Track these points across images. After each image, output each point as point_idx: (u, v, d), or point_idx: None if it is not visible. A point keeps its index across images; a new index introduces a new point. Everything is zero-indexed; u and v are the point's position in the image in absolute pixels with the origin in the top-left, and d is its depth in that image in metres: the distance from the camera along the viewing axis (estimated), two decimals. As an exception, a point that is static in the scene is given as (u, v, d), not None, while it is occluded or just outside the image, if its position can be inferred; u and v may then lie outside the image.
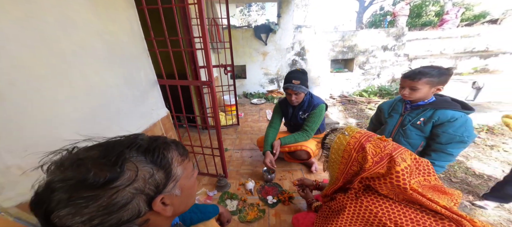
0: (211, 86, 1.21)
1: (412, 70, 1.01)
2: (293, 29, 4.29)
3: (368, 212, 0.58)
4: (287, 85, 1.36)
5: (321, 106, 1.42)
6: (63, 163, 0.31)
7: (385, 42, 4.02)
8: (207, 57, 1.14)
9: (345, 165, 0.66)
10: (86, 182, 0.28)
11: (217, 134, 1.34)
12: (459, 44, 4.16)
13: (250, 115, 3.19)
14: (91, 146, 0.35)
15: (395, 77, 4.12)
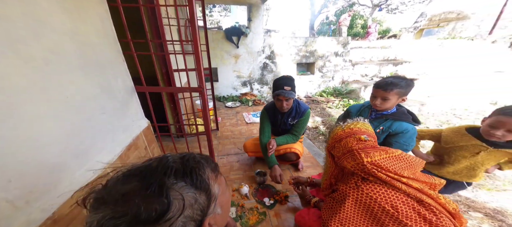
0: (203, 92, 1.13)
1: (384, 80, 1.03)
2: (264, 33, 4.44)
3: (369, 199, 0.65)
4: (279, 91, 1.29)
5: (308, 111, 1.45)
6: (105, 198, 0.29)
7: (336, 49, 4.72)
8: (198, 61, 1.06)
9: (329, 148, 0.80)
10: (140, 218, 0.27)
11: (208, 141, 1.26)
12: (379, 53, 5.34)
13: (228, 119, 3.11)
14: (124, 177, 0.32)
15: (344, 79, 4.91)
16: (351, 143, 0.72)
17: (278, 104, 1.36)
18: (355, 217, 0.67)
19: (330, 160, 0.82)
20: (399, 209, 0.61)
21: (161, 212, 0.28)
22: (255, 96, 4.43)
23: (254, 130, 2.55)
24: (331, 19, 12.62)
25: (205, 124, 1.21)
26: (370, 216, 0.65)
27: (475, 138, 0.96)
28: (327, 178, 0.85)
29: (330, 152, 0.81)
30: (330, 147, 0.80)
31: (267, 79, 4.83)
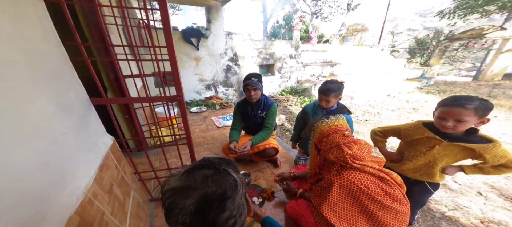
0: (182, 102, 1.07)
1: (325, 87, 1.34)
2: (225, 35, 4.41)
3: (349, 182, 0.77)
4: (247, 82, 1.46)
5: (274, 105, 1.60)
6: (192, 185, 0.37)
7: (290, 51, 5.30)
8: (175, 67, 1.00)
9: (315, 142, 0.92)
10: (225, 192, 0.37)
11: (189, 150, 1.20)
12: (320, 56, 6.42)
13: (196, 125, 2.95)
14: (194, 169, 0.40)
15: (299, 79, 5.59)
16: (337, 139, 0.84)
17: (247, 94, 1.51)
18: (340, 200, 0.80)
19: (315, 153, 0.93)
20: (370, 187, 0.76)
21: (235, 186, 0.38)
22: (221, 99, 4.37)
23: (227, 133, 2.52)
24: (281, 23, 13.79)
25: (186, 131, 1.16)
26: (351, 196, 0.79)
27: (429, 131, 0.92)
28: (312, 168, 0.97)
29: (316, 145, 0.92)
30: (318, 141, 0.90)
31: (231, 82, 4.84)
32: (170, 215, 0.36)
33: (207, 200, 0.35)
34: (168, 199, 0.37)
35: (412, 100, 4.59)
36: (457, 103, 0.79)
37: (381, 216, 0.74)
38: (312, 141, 0.95)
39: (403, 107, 4.05)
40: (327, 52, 6.28)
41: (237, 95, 4.94)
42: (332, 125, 0.89)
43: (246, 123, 1.67)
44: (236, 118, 1.65)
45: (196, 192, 0.36)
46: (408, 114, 3.69)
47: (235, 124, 1.64)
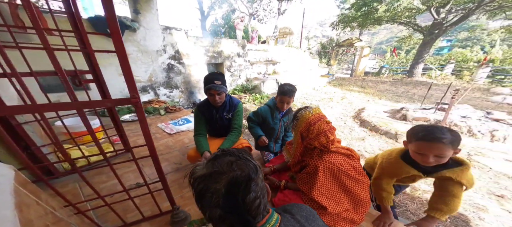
0: (138, 105, 0.76)
1: (287, 89, 1.40)
2: (162, 30, 3.62)
3: (330, 164, 0.89)
4: (210, 86, 1.28)
5: (240, 104, 1.50)
6: (221, 170, 0.40)
7: (237, 50, 5.29)
8: (127, 64, 0.70)
9: (301, 133, 0.96)
10: (250, 174, 0.41)
11: (155, 162, 0.93)
12: (263, 55, 7.03)
13: (137, 135, 2.30)
14: (219, 157, 0.43)
15: (248, 77, 5.77)
16: (323, 126, 0.93)
17: (211, 99, 1.35)
18: (326, 182, 0.91)
19: (299, 142, 0.98)
20: (344, 165, 0.91)
21: (256, 169, 0.42)
22: (165, 103, 3.64)
23: (185, 139, 2.20)
24: (220, 22, 13.31)
25: (148, 141, 0.87)
26: (333, 177, 0.92)
27: (412, 168, 0.87)
28: (295, 156, 1.03)
29: (301, 134, 0.97)
30: (304, 130, 0.95)
31: (176, 82, 4.12)
32: (203, 199, 0.39)
33: (235, 183, 0.38)
34: (200, 185, 0.40)
35: (328, 92, 6.19)
36: (434, 139, 0.74)
37: (354, 189, 0.93)
38: (297, 130, 1.00)
39: (324, 98, 5.38)
40: (268, 52, 6.88)
41: (185, 97, 4.31)
42: (315, 113, 0.96)
43: (211, 126, 1.52)
44: (199, 122, 1.46)
45: (224, 176, 0.39)
46: (328, 102, 4.95)
47: (199, 130, 1.45)
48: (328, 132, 0.93)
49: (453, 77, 8.75)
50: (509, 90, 6.01)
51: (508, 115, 3.04)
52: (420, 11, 7.97)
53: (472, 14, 7.11)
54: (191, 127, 2.46)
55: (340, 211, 0.91)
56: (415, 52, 9.89)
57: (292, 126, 1.06)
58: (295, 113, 1.03)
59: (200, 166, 0.43)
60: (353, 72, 10.39)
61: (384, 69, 10.69)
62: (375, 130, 2.99)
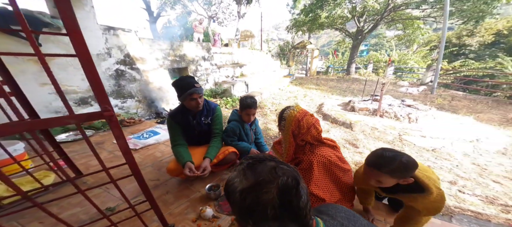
0: (113, 119, 0.63)
1: (251, 101, 1.45)
2: (102, 30, 2.92)
3: (322, 157, 0.96)
4: (192, 90, 1.19)
5: (218, 107, 1.46)
6: (263, 178, 0.37)
7: (202, 53, 4.94)
8: (93, 70, 0.56)
9: (291, 130, 0.98)
10: (297, 177, 0.39)
11: (139, 182, 0.80)
12: (229, 58, 6.92)
13: (87, 157, 1.81)
14: (252, 164, 0.40)
15: (216, 81, 5.50)
16: (310, 120, 0.98)
17: (193, 104, 1.25)
18: (320, 175, 0.97)
19: (291, 140, 1.01)
20: (332, 157, 0.99)
21: (297, 172, 0.40)
22: (118, 115, 2.97)
23: (156, 153, 1.92)
24: (175, 24, 12.02)
25: (130, 160, 0.74)
26: (325, 169, 0.98)
27: None
28: (288, 155, 1.05)
29: (293, 132, 0.99)
30: (295, 128, 0.98)
31: (130, 91, 3.42)
32: (255, 213, 0.35)
33: (286, 190, 0.35)
34: (247, 199, 0.35)
35: (292, 91, 6.78)
36: (373, 166, 0.74)
37: (343, 178, 1.02)
38: (288, 129, 1.03)
39: (289, 97, 5.87)
40: (233, 55, 6.80)
41: (144, 107, 3.65)
42: (299, 110, 1.00)
43: (189, 135, 1.40)
44: (175, 132, 1.34)
45: (273, 185, 0.35)
46: (294, 100, 5.43)
47: (176, 140, 1.33)
48: (316, 124, 1.00)
49: (373, 74, 11.51)
50: (407, 83, 8.51)
51: (414, 101, 4.30)
52: (348, 19, 10.01)
53: (379, 24, 9.58)
54: (160, 140, 2.19)
55: (335, 202, 1.00)
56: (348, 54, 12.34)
57: (280, 127, 1.08)
58: (280, 114, 1.06)
59: (236, 179, 0.38)
60: (307, 72, 11.84)
61: (330, 68, 12.75)
62: (335, 122, 3.54)
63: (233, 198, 0.37)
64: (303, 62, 14.24)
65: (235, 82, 5.26)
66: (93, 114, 0.62)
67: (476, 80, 8.27)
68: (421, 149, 2.61)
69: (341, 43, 13.77)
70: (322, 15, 9.17)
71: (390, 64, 10.43)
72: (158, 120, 3.13)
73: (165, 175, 1.50)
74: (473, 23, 7.26)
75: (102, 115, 0.60)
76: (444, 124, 3.46)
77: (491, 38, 15.22)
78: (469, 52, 15.49)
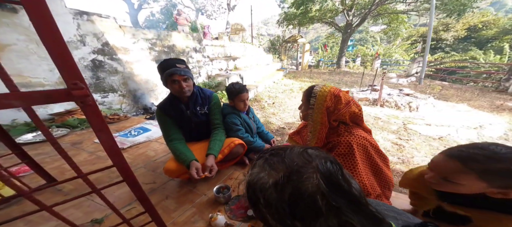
0: (89, 101, 0.39)
1: (240, 86, 1.29)
2: (73, 15, 2.47)
3: (362, 139, 0.79)
4: (171, 70, 0.97)
5: (215, 94, 1.25)
6: (298, 163, 0.31)
7: (193, 44, 4.53)
8: (53, 28, 0.34)
9: (326, 106, 0.81)
10: (333, 159, 0.32)
11: (135, 189, 0.57)
12: (221, 51, 6.54)
13: (56, 160, 1.50)
14: (277, 154, 0.33)
15: (209, 74, 5.13)
16: (347, 95, 0.83)
17: (176, 88, 1.02)
18: (363, 161, 0.79)
19: (325, 120, 0.83)
20: (372, 140, 0.83)
21: None
22: None
23: (149, 152, 1.65)
24: (159, 17, 11.13)
25: (119, 162, 0.50)
26: (366, 155, 0.81)
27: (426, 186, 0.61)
28: (320, 139, 0.87)
29: (328, 109, 0.81)
30: (330, 103, 0.81)
31: (111, 84, 2.98)
32: (301, 209, 0.27)
33: (328, 173, 0.28)
34: (285, 191, 0.27)
35: (286, 84, 6.62)
36: (460, 158, 0.49)
37: (383, 168, 0.86)
38: (321, 106, 0.83)
39: (285, 90, 5.70)
40: (225, 47, 6.43)
41: (129, 102, 3.24)
42: (330, 87, 0.84)
43: (184, 128, 1.19)
44: (168, 126, 1.12)
45: (311, 172, 0.28)
46: (291, 93, 5.27)
47: (172, 134, 1.11)
48: (354, 100, 0.85)
49: (362, 67, 11.79)
50: (394, 74, 8.78)
51: (410, 90, 4.35)
52: (338, 12, 10.02)
53: (366, 18, 9.72)
54: (152, 137, 1.92)
55: (374, 198, 0.82)
56: (338, 48, 12.48)
57: (306, 106, 0.88)
58: (309, 91, 0.87)
59: (260, 173, 0.31)
60: (298, 66, 11.79)
61: (321, 62, 12.81)
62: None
63: (264, 197, 0.29)
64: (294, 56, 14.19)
65: (229, 75, 4.95)
66: (54, 92, 0.37)
67: (457, 71, 8.78)
68: (428, 138, 2.56)
69: (330, 37, 13.87)
70: (313, 8, 9.06)
71: (377, 58, 10.73)
72: (147, 116, 2.77)
73: (161, 177, 1.26)
74: (455, 16, 7.59)
75: (70, 94, 0.37)
76: (444, 112, 3.51)
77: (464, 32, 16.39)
78: (445, 45, 16.59)
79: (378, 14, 9.69)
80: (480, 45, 13.53)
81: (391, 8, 9.37)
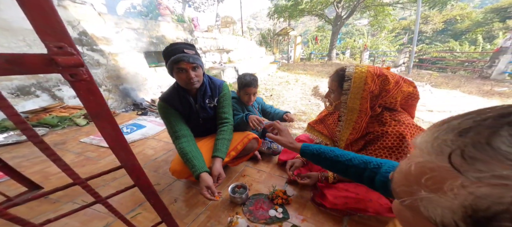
0: (83, 75, 0.26)
1: (251, 79, 1.18)
2: None
3: (414, 128, 0.68)
4: (177, 56, 0.80)
5: (225, 84, 1.07)
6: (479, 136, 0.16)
7: (185, 35, 4.20)
8: None
9: (369, 90, 0.67)
10: None
11: (150, 196, 0.46)
12: (214, 43, 6.21)
13: (42, 161, 1.29)
14: None
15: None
16: (393, 73, 0.69)
17: (183, 78, 0.85)
18: None
19: (366, 106, 0.69)
20: (419, 126, 0.71)
21: None
22: (81, 108, 2.29)
23: (148, 151, 1.48)
24: (140, 9, 10.21)
25: (130, 162, 0.36)
26: None
27: None
28: (358, 129, 0.74)
29: (372, 92, 0.68)
30: (374, 85, 0.67)
31: (94, 77, 2.63)
32: None
33: None
34: None
35: (281, 76, 6.51)
36: None
37: None
38: (361, 89, 0.69)
39: (281, 82, 5.59)
40: (218, 40, 6.11)
41: (117, 98, 2.92)
42: (369, 67, 0.71)
43: (190, 124, 1.04)
44: (174, 120, 0.95)
45: None
46: (287, 85, 5.18)
47: (179, 130, 0.93)
48: (402, 77, 0.70)
49: (351, 58, 12.02)
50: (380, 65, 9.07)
51: None
52: (328, 4, 9.99)
53: (355, 10, 9.81)
54: (148, 134, 1.74)
55: None
56: (327, 41, 12.56)
57: (338, 92, 0.74)
58: (340, 73, 0.73)
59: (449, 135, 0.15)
60: (291, 58, 11.72)
61: (312, 54, 12.84)
62: (335, 101, 3.40)
63: None
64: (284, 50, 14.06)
65: (224, 67, 4.71)
66: (27, 58, 0.24)
67: (441, 60, 9.28)
68: (431, 123, 2.62)
69: (320, 30, 13.90)
70: (304, 0, 8.93)
71: (366, 49, 10.98)
72: (138, 112, 2.50)
73: (165, 177, 1.12)
74: (438, 7, 7.90)
75: (53, 61, 0.24)
76: (442, 98, 3.60)
77: (441, 25, 17.34)
78: (425, 38, 17.51)
79: (365, 6, 9.83)
80: (455, 37, 14.49)
81: (378, 1, 9.54)
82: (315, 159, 0.63)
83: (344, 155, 0.58)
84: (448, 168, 0.15)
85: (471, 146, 0.14)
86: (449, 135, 0.16)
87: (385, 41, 13.36)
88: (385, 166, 0.50)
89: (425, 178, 0.16)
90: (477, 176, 0.13)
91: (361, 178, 0.54)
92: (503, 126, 0.14)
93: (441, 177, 0.15)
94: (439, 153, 0.16)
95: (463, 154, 0.14)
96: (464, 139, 0.15)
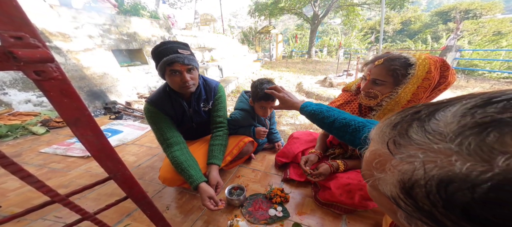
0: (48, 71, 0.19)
1: (268, 97, 0.94)
2: None
3: None
4: (171, 58, 0.72)
5: (220, 86, 0.99)
6: None
7: (161, 32, 3.86)
8: None
9: (435, 78, 0.60)
10: None
11: (152, 213, 0.37)
12: (194, 41, 5.88)
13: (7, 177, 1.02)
14: None
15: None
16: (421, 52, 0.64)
17: (177, 81, 0.77)
18: None
19: (421, 97, 0.63)
20: None
21: None
22: (37, 114, 1.94)
23: (129, 158, 1.33)
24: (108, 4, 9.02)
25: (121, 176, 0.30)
26: None
27: None
28: None
29: (438, 83, 0.62)
30: (438, 74, 0.61)
31: (50, 84, 2.22)
32: None
33: None
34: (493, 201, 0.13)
35: (265, 74, 6.56)
36: None
37: None
38: (422, 78, 0.61)
39: (266, 79, 5.62)
40: (198, 38, 5.80)
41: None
42: (420, 52, 0.68)
43: (183, 130, 0.95)
44: (165, 126, 0.85)
45: None
46: (271, 83, 5.25)
47: (170, 137, 0.84)
48: None
49: (329, 56, 12.79)
50: (355, 62, 9.85)
51: None
52: (306, 3, 10.39)
53: (330, 9, 10.44)
54: (126, 139, 1.58)
55: None
56: (307, 39, 13.11)
57: (396, 81, 0.65)
58: (403, 61, 0.63)
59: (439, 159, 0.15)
60: (274, 56, 11.88)
61: (293, 52, 13.23)
62: (319, 98, 3.57)
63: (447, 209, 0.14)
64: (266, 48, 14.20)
65: (207, 66, 4.50)
66: None
67: None
68: None
69: (299, 28, 14.40)
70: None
71: (341, 47, 11.80)
72: (111, 116, 2.19)
73: (153, 184, 1.03)
74: (398, 8, 8.90)
75: (11, 55, 0.16)
76: None
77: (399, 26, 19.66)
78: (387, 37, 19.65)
79: (339, 6, 10.53)
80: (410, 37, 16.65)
81: (349, 1, 10.32)
82: (313, 119, 0.66)
83: (334, 117, 0.61)
84: (387, 153, 0.19)
85: (398, 136, 0.19)
86: (387, 128, 0.20)
87: (356, 39, 14.58)
88: (365, 129, 0.53)
89: (375, 162, 0.21)
90: (400, 157, 0.17)
91: (353, 141, 0.57)
92: (414, 120, 0.18)
93: (384, 160, 0.19)
94: (382, 142, 0.20)
95: (394, 142, 0.19)
96: (394, 130, 0.19)
